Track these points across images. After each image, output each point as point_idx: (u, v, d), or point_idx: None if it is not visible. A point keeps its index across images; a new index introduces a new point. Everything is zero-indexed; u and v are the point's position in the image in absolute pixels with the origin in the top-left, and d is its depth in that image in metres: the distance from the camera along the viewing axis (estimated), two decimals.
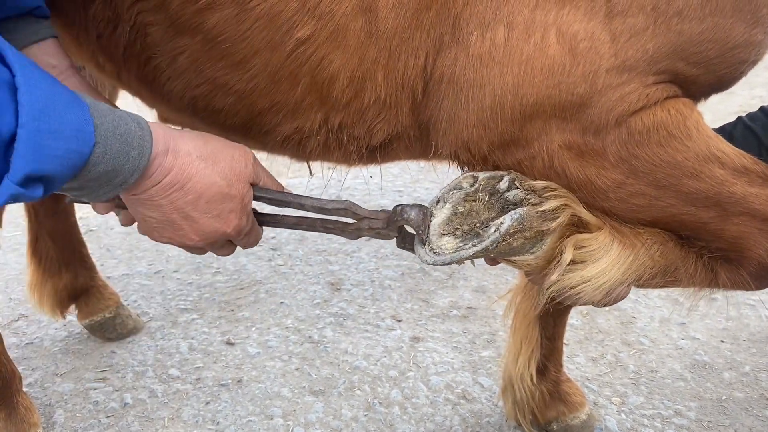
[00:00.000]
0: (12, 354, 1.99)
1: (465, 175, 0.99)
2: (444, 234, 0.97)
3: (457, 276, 2.35)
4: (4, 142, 0.67)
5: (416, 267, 2.41)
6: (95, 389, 1.84)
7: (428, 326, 2.09)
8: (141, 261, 2.51)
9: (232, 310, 2.18)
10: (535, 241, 0.95)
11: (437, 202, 1.00)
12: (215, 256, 2.49)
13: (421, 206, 0.99)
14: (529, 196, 0.94)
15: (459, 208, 0.97)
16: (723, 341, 2.00)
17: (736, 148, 0.93)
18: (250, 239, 1.03)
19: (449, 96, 0.94)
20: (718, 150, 0.91)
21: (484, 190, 0.96)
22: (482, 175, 0.97)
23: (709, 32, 0.86)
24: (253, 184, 0.99)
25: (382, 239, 1.04)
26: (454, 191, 0.98)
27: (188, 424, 1.72)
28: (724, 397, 1.78)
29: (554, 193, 0.93)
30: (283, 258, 2.49)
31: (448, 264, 0.97)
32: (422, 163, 3.37)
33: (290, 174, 3.39)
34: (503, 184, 0.95)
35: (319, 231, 1.04)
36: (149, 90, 1.09)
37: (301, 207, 1.02)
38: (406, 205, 0.99)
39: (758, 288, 1.00)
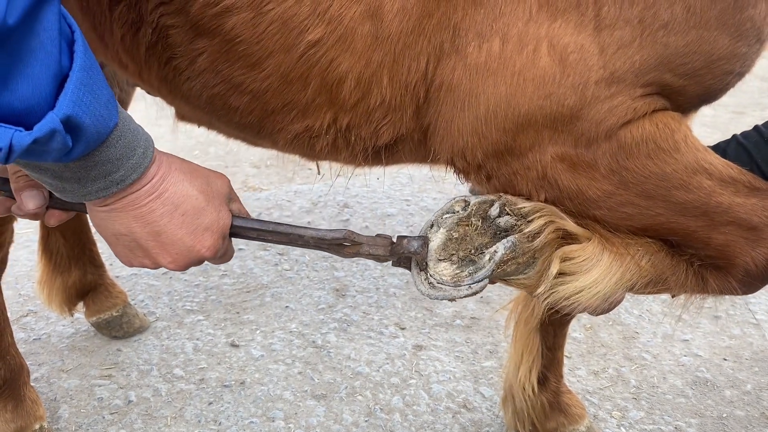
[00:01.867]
0: (20, 349, 2.01)
1: (457, 198, 1.02)
2: (441, 260, 0.99)
3: None
4: (59, 80, 0.71)
5: None
6: (100, 386, 1.87)
7: (431, 335, 2.10)
8: None
9: (238, 313, 2.20)
10: (528, 264, 0.98)
11: (431, 226, 1.03)
12: None
13: (423, 237, 1.01)
14: (519, 222, 0.97)
15: (453, 233, 1.00)
16: (725, 359, 2.01)
17: (724, 160, 0.96)
18: (223, 260, 1.03)
19: (447, 103, 0.98)
20: (706, 162, 0.94)
21: (476, 215, 0.99)
22: (473, 200, 1.00)
23: (695, 44, 0.89)
24: (234, 214, 0.99)
25: (377, 262, 1.06)
26: (447, 215, 1.01)
27: (191, 423, 1.73)
28: (724, 415, 1.78)
29: (538, 213, 0.96)
30: (289, 263, 2.52)
31: (440, 300, 1.00)
32: (430, 173, 3.37)
33: (300, 180, 3.42)
34: (494, 210, 0.98)
35: (310, 248, 1.04)
36: (169, 89, 1.12)
37: (300, 239, 1.02)
38: (410, 237, 1.01)
39: (745, 293, 1.02)
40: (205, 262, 1.00)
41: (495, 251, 0.95)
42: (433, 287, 0.99)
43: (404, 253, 1.01)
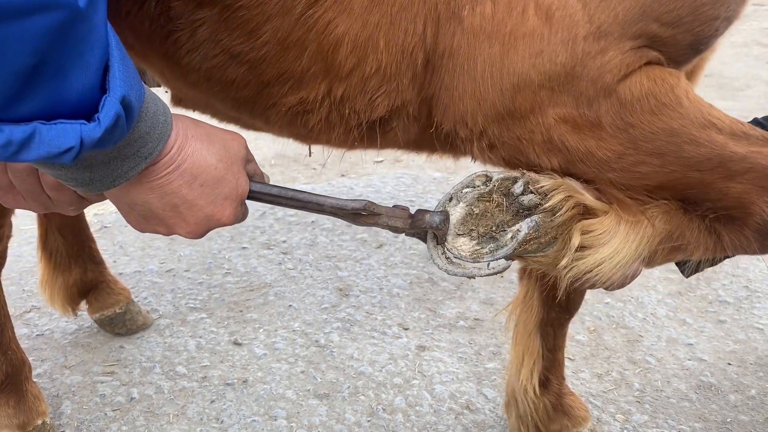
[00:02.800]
0: (23, 345, 2.01)
1: (478, 173, 1.00)
2: (459, 234, 0.98)
3: (465, 287, 2.35)
4: (104, 63, 0.67)
5: (425, 276, 2.42)
6: (103, 383, 1.86)
7: (435, 336, 2.09)
8: (153, 259, 2.53)
9: (241, 311, 2.20)
10: (549, 244, 0.97)
11: (450, 199, 1.01)
12: (227, 257, 2.52)
13: (444, 213, 0.99)
14: (542, 201, 0.95)
15: (474, 208, 0.98)
16: (730, 363, 2.00)
17: (731, 117, 0.95)
18: (238, 221, 0.99)
19: (449, 70, 0.98)
20: (713, 117, 0.94)
21: (499, 191, 0.98)
22: (496, 175, 0.98)
23: None
24: (251, 177, 0.97)
25: (394, 232, 1.04)
26: (468, 189, 0.99)
27: (192, 421, 1.73)
28: (728, 420, 1.77)
29: (558, 189, 0.96)
30: (293, 262, 2.51)
31: (459, 276, 0.98)
32: (434, 175, 3.37)
33: (303, 180, 3.42)
34: (518, 188, 0.96)
35: (325, 214, 1.02)
36: (169, 65, 1.12)
37: (319, 207, 1.00)
38: (431, 211, 0.99)
39: (761, 251, 1.00)
40: (209, 261, 0.99)
41: (518, 230, 0.94)
42: (451, 262, 0.97)
43: (425, 228, 0.99)
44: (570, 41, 0.91)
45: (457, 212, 0.99)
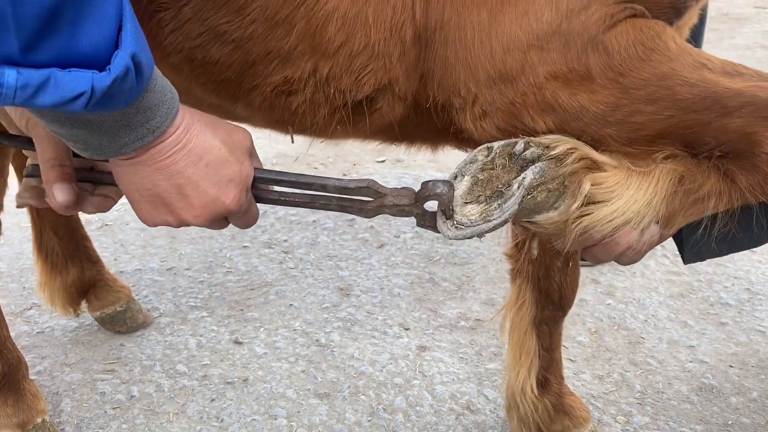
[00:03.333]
0: (23, 342, 2.02)
1: (479, 148, 0.99)
2: (467, 203, 0.96)
3: (466, 288, 2.35)
4: (119, 20, 0.71)
5: (426, 277, 2.41)
6: (103, 380, 1.86)
7: (435, 336, 2.09)
8: (154, 257, 2.53)
9: (242, 310, 2.20)
10: (558, 193, 0.95)
11: (455, 177, 0.99)
12: (228, 256, 2.52)
13: (447, 181, 0.98)
14: (545, 150, 0.94)
15: (479, 177, 0.97)
16: (731, 366, 1.99)
17: (722, 59, 0.96)
18: (248, 219, 1.00)
19: (441, 42, 0.99)
20: (703, 58, 0.94)
21: (501, 156, 0.97)
22: (497, 144, 0.98)
23: None
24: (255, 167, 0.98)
25: (402, 216, 1.02)
26: (471, 164, 0.98)
27: (193, 419, 1.73)
28: (730, 422, 1.77)
29: (561, 141, 0.95)
30: (294, 261, 2.51)
31: (470, 237, 0.95)
32: (436, 175, 3.36)
33: None
34: (519, 146, 0.96)
35: (333, 210, 1.01)
36: (152, 47, 1.12)
37: (323, 188, 0.99)
38: (435, 180, 0.97)
39: None
40: (210, 260, 0.99)
41: (524, 177, 0.93)
42: (460, 228, 0.95)
43: (429, 196, 0.97)
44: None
45: (462, 185, 0.97)
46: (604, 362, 2.00)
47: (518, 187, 0.93)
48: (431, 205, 0.99)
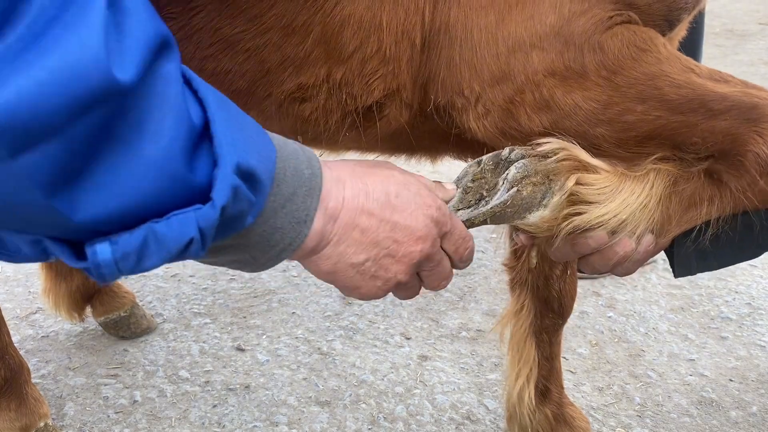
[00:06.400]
0: (28, 346, 2.04)
1: (470, 163, 1.02)
2: (458, 210, 0.99)
3: (468, 298, 2.36)
4: (198, 132, 0.58)
5: None
6: (106, 385, 1.88)
7: (437, 346, 2.10)
8: None
9: (244, 317, 2.21)
10: (545, 188, 0.95)
11: None
12: None
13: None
14: (530, 151, 0.97)
15: (469, 185, 1.00)
16: (731, 380, 2.00)
17: (710, 67, 1.01)
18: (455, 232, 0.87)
19: (447, 44, 1.02)
20: (692, 64, 0.98)
21: (489, 163, 1.00)
22: (486, 157, 1.01)
23: None
24: None
25: None
26: (463, 178, 1.01)
27: (194, 425, 1.74)
28: None
29: (547, 139, 0.96)
30: (297, 269, 2.53)
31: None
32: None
33: None
34: (505, 152, 0.99)
35: None
36: None
37: None
38: None
39: None
40: (214, 267, 0.94)
41: (507, 173, 0.95)
42: None
43: None
44: (557, 4, 0.99)
45: (455, 197, 1.00)
46: (604, 374, 2.01)
47: (503, 182, 0.96)
48: None
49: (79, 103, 0.48)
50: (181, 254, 0.58)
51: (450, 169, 2.96)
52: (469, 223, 0.96)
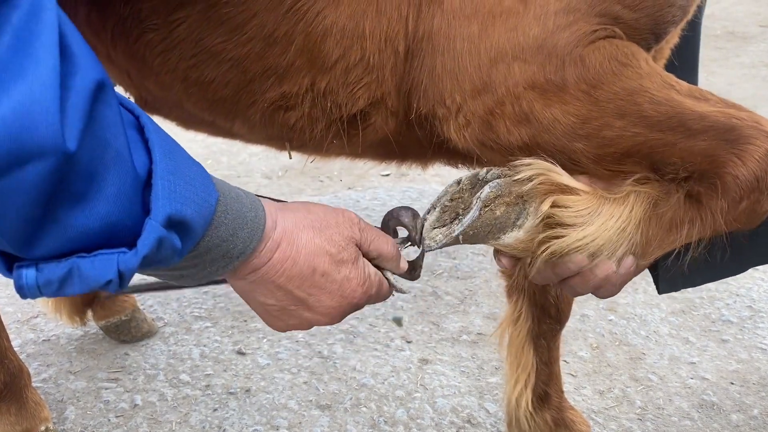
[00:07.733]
0: (29, 350, 2.04)
1: (450, 183, 1.03)
2: (435, 228, 1.00)
3: (468, 301, 2.36)
4: (142, 182, 0.62)
5: (429, 290, 2.43)
6: (107, 389, 1.88)
7: (437, 349, 2.10)
8: None
9: (245, 321, 2.22)
10: (519, 208, 0.96)
11: (429, 211, 1.03)
12: None
13: (412, 209, 1.01)
14: (506, 172, 0.97)
15: (447, 204, 1.01)
16: (732, 383, 1.99)
17: (690, 84, 0.99)
18: (380, 297, 0.95)
19: (428, 52, 1.01)
20: (672, 80, 0.97)
21: (467, 183, 1.00)
22: (465, 176, 1.02)
23: None
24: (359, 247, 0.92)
25: None
26: (442, 197, 1.02)
27: (195, 428, 1.74)
28: None
29: (526, 164, 0.95)
30: None
31: (433, 250, 1.00)
32: (440, 189, 3.38)
33: (310, 192, 3.45)
34: (482, 172, 0.99)
35: None
36: (138, 66, 1.10)
37: None
38: (399, 207, 1.01)
39: (752, 216, 0.96)
40: None
41: (481, 192, 0.95)
42: (427, 247, 1.00)
43: (394, 223, 1.00)
44: (542, 16, 0.97)
45: (433, 215, 1.01)
46: (605, 378, 2.01)
47: (476, 201, 0.96)
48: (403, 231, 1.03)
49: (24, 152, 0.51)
50: (101, 288, 0.62)
51: (450, 170, 2.96)
52: (443, 243, 0.98)
